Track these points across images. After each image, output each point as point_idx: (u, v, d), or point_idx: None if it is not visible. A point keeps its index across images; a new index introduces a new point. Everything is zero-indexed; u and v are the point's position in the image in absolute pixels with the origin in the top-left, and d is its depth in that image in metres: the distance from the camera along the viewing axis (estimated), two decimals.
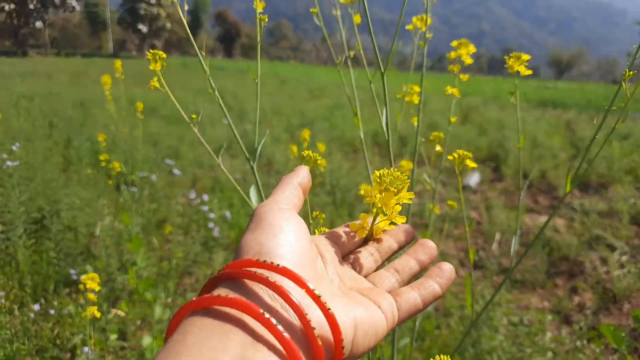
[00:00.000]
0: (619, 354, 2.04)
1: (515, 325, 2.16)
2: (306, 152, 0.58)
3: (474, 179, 4.20)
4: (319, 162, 0.56)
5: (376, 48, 0.81)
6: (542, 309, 2.38)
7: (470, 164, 0.81)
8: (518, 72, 0.89)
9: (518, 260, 0.87)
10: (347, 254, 0.39)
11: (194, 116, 0.69)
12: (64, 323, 2.14)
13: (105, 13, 46.00)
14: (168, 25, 44.46)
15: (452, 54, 1.02)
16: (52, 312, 2.24)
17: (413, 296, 0.34)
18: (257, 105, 0.75)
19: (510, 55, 0.89)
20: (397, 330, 1.28)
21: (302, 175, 0.38)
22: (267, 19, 0.74)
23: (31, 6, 33.86)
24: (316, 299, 0.27)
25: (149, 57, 0.63)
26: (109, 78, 2.36)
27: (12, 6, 33.49)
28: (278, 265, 0.28)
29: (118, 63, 2.46)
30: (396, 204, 0.39)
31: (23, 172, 3.69)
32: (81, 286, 1.61)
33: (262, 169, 4.60)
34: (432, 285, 0.35)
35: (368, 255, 0.39)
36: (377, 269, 0.39)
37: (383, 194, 0.38)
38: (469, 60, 0.98)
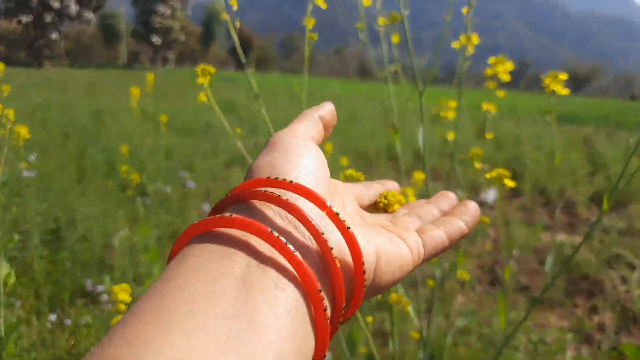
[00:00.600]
0: None
1: (535, 344, 2.13)
2: (348, 171, 0.58)
3: (490, 195, 4.16)
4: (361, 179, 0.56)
5: (414, 65, 0.82)
6: (561, 327, 2.34)
7: (509, 183, 0.80)
8: (554, 91, 0.88)
9: (552, 280, 0.85)
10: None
11: (238, 130, 0.70)
12: (80, 334, 2.16)
13: (121, 25, 46.84)
14: (182, 37, 45.12)
15: (489, 71, 1.02)
16: (68, 322, 2.25)
17: (438, 233, 0.32)
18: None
19: (548, 74, 0.88)
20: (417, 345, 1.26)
21: (325, 109, 0.35)
22: (316, 36, 0.74)
23: (48, 19, 34.59)
24: (334, 217, 0.25)
25: (197, 72, 0.64)
26: (138, 91, 2.40)
27: (29, 18, 34.24)
28: (292, 182, 0.25)
29: (150, 77, 2.50)
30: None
31: (39, 183, 3.74)
32: (110, 296, 1.62)
33: None
34: (458, 222, 0.33)
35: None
36: None
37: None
38: (505, 78, 0.97)
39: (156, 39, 42.02)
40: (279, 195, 0.24)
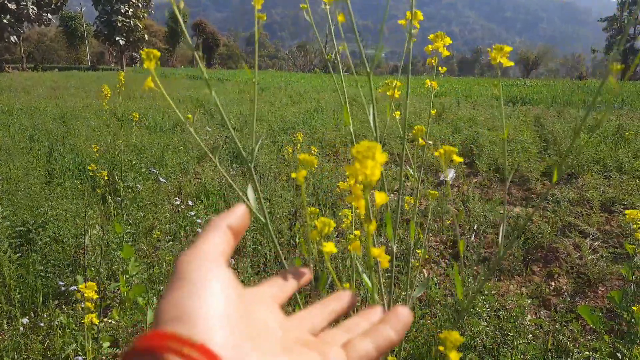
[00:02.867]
0: (597, 334, 2.15)
1: (496, 311, 2.25)
2: (302, 155, 0.62)
3: (450, 175, 4.32)
4: (314, 163, 0.61)
5: (362, 51, 0.89)
6: (521, 294, 2.48)
7: (457, 158, 0.88)
8: (501, 63, 0.94)
9: (504, 250, 0.94)
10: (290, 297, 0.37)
11: (189, 116, 0.75)
12: (55, 334, 2.15)
13: (82, 26, 45.51)
14: (146, 36, 44.15)
15: (430, 47, 1.08)
16: (41, 324, 2.25)
17: (364, 345, 0.31)
18: (254, 107, 0.82)
19: (493, 47, 0.94)
20: None
21: (235, 215, 0.33)
22: (265, 17, 0.80)
23: (5, 20, 33.34)
24: None
25: (143, 56, 0.68)
26: (108, 90, 2.39)
27: None
28: (195, 343, 0.24)
29: (121, 74, 2.49)
30: (374, 165, 0.42)
31: (5, 187, 3.69)
32: (78, 295, 1.65)
33: (245, 173, 4.65)
34: (387, 331, 0.32)
35: (317, 312, 0.36)
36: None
37: (361, 161, 0.43)
38: (445, 52, 1.04)
39: (120, 39, 41.01)
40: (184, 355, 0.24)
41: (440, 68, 1.13)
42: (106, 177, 2.42)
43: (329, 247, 0.61)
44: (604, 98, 9.19)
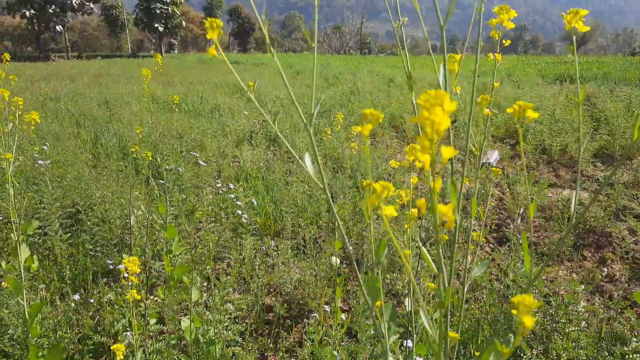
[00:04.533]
0: None
1: (545, 297, 2.17)
2: (368, 110, 0.62)
3: (494, 157, 4.18)
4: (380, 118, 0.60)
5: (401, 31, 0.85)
6: (571, 280, 2.38)
7: (532, 114, 0.81)
8: (576, 28, 0.86)
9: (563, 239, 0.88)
10: None
11: (250, 83, 0.73)
12: (104, 311, 2.23)
13: (122, 14, 46.64)
14: (184, 23, 44.82)
15: (494, 21, 1.02)
16: (91, 301, 2.34)
17: None
18: (314, 66, 0.79)
19: (568, 11, 0.87)
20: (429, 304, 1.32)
21: None
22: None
23: (50, 10, 34.56)
24: None
25: (207, 25, 0.67)
26: (149, 72, 2.42)
27: (32, 12, 34.25)
28: None
29: (158, 57, 2.52)
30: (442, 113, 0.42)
31: (55, 170, 3.84)
32: (122, 269, 1.69)
33: (283, 156, 4.66)
34: None
35: None
36: None
37: (429, 109, 0.41)
38: (510, 25, 0.98)
39: (159, 26, 41.80)
40: None
41: (504, 42, 1.07)
42: (150, 158, 2.47)
43: (389, 210, 0.59)
44: None
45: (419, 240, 0.99)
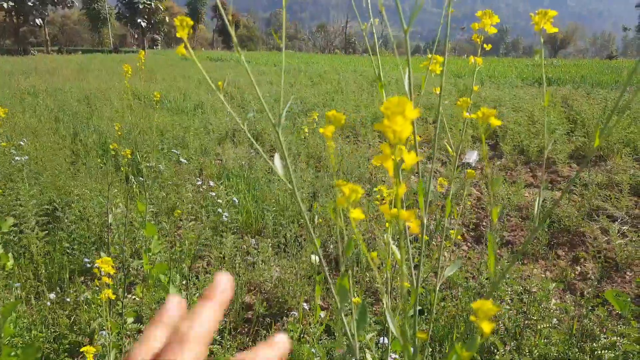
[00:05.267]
0: (624, 319, 2.10)
1: (519, 295, 2.22)
2: (331, 112, 0.62)
3: (473, 157, 4.24)
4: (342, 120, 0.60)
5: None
6: (545, 279, 2.44)
7: (495, 121, 0.83)
8: (544, 29, 0.88)
9: (530, 236, 0.91)
10: None
11: (220, 83, 0.73)
12: (81, 310, 2.20)
13: (105, 9, 45.89)
14: (167, 18, 44.30)
15: (476, 25, 1.03)
16: (68, 300, 2.31)
17: None
18: (282, 71, 0.79)
19: (537, 12, 0.88)
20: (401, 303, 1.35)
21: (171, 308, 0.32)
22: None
23: (30, 3, 33.81)
24: None
25: (177, 24, 0.67)
26: (129, 68, 2.39)
27: (11, 4, 33.46)
28: None
29: (141, 53, 2.50)
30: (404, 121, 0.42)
31: (32, 167, 3.77)
32: (96, 270, 1.68)
33: (266, 154, 4.65)
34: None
35: None
36: None
37: (390, 118, 0.41)
38: (492, 30, 0.99)
39: (141, 21, 41.23)
40: None
41: (486, 46, 1.09)
42: (129, 156, 2.45)
43: (356, 214, 0.60)
44: (637, 78, 8.82)
45: (391, 240, 1.01)
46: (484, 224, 3.07)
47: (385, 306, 0.88)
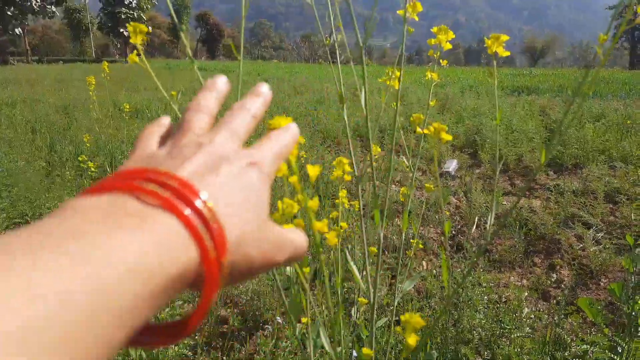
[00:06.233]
0: (597, 327, 2.11)
1: (495, 304, 2.22)
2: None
3: (452, 165, 4.27)
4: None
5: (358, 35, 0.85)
6: (521, 286, 2.45)
7: (445, 136, 0.84)
8: (497, 52, 0.90)
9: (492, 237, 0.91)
10: None
11: (173, 93, 0.71)
12: None
13: (86, 18, 45.53)
14: (150, 28, 44.16)
15: (432, 40, 1.05)
16: None
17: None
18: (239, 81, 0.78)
19: (490, 36, 0.91)
20: (377, 310, 1.33)
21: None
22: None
23: (9, 13, 33.38)
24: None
25: (130, 30, 0.66)
26: (93, 79, 2.37)
27: None
28: (169, 172, 0.24)
29: (104, 64, 2.47)
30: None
31: (5, 179, 3.68)
32: None
33: None
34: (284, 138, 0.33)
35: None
36: None
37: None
38: (447, 46, 1.01)
39: (124, 31, 41.02)
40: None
41: (442, 61, 1.11)
42: (93, 168, 2.41)
43: (330, 236, 0.59)
44: (611, 88, 9.04)
45: (350, 259, 1.00)
46: (463, 231, 3.08)
47: (313, 323, 0.86)
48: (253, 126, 0.33)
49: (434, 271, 2.47)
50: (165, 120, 0.34)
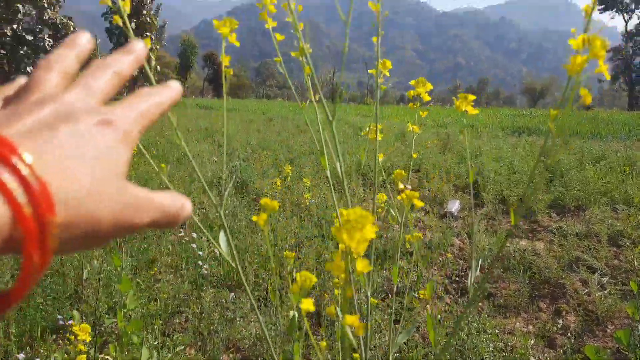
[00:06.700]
0: None
1: (500, 352, 2.19)
2: (264, 199, 0.63)
3: (455, 206, 4.29)
4: (276, 208, 0.63)
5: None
6: (527, 333, 2.41)
7: (418, 203, 0.89)
8: (466, 110, 0.95)
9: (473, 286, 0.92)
10: None
11: (162, 165, 0.75)
12: None
13: (97, 56, 46.77)
14: (158, 67, 45.33)
15: (412, 92, 1.10)
16: None
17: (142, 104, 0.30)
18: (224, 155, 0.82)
19: (458, 95, 0.96)
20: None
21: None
22: (231, 72, 0.82)
23: (22, 52, 34.41)
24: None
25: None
26: None
27: (3, 52, 34.00)
28: None
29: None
30: (361, 239, 0.42)
31: None
32: (71, 337, 1.64)
33: (250, 204, 4.66)
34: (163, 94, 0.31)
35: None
36: None
37: (349, 232, 0.41)
38: (427, 98, 1.06)
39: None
40: None
41: (421, 112, 1.15)
42: None
43: (307, 304, 0.60)
44: (611, 129, 9.15)
45: (339, 315, 1.01)
46: (467, 274, 3.06)
47: None
48: (116, 84, 0.30)
49: (439, 316, 2.45)
50: (21, 80, 0.31)
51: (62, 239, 0.22)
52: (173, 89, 0.32)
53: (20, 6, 18.01)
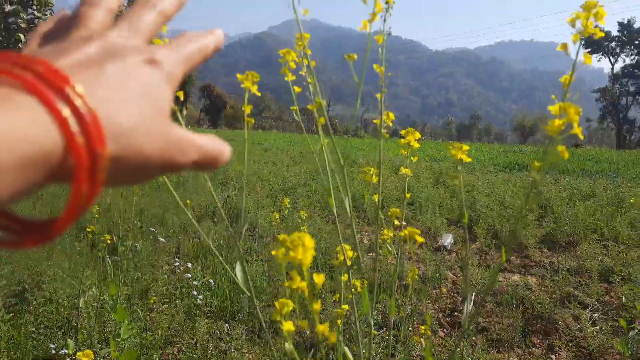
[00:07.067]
0: None
1: None
2: (282, 235, 0.71)
3: (448, 240, 4.34)
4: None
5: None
6: None
7: (419, 239, 0.95)
8: (461, 159, 1.02)
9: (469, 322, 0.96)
10: None
11: (188, 202, 0.81)
12: None
13: None
14: None
15: (402, 141, 1.18)
16: None
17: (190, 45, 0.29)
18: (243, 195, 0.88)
19: (454, 145, 1.03)
20: None
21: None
22: (252, 121, 0.89)
23: None
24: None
25: None
26: None
27: None
28: (35, 58, 0.22)
29: None
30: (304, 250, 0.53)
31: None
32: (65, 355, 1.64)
33: (245, 233, 4.67)
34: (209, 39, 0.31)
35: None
36: None
37: (295, 247, 0.52)
38: (416, 145, 1.14)
39: None
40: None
41: (412, 158, 1.24)
42: (108, 241, 2.46)
43: (288, 326, 0.67)
44: (600, 167, 9.34)
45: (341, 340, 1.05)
46: (460, 308, 3.09)
47: None
48: (160, 23, 0.30)
49: (433, 349, 2.46)
50: (65, 14, 0.30)
51: (110, 172, 0.22)
52: (216, 35, 0.32)
53: (21, 35, 18.31)
